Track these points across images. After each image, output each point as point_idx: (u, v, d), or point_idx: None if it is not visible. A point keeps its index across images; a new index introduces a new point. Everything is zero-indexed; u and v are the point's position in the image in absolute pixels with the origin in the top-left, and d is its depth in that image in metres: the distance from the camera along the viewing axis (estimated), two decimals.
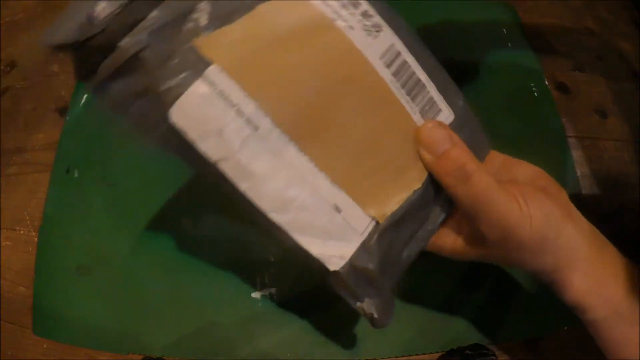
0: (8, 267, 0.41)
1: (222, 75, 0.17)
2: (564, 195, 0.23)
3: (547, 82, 0.46)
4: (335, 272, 0.20)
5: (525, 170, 0.24)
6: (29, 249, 0.41)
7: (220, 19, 0.16)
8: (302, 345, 0.35)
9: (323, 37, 0.17)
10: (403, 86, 0.20)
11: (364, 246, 0.20)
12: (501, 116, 0.44)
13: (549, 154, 0.43)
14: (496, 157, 0.25)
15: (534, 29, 0.50)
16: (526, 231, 0.20)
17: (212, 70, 0.17)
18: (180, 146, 0.18)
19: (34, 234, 0.42)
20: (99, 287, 0.38)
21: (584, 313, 0.23)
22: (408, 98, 0.20)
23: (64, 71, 0.50)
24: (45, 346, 0.37)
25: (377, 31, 0.19)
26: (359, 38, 0.18)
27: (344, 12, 0.18)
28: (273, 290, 0.37)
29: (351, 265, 0.20)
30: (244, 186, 0.19)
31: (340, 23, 0.18)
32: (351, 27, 0.18)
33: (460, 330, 0.35)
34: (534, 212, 0.20)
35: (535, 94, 0.46)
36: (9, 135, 0.48)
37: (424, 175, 0.21)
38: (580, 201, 0.39)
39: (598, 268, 0.23)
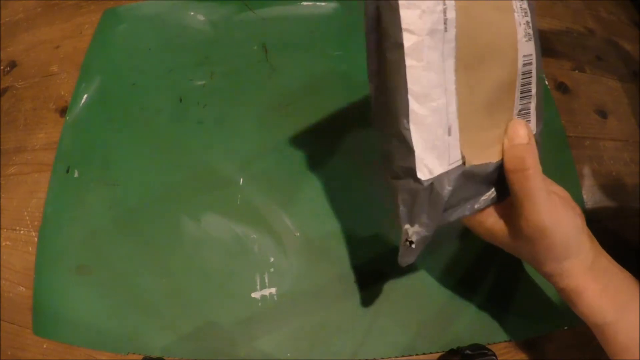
0: (8, 267, 0.41)
1: None
2: (583, 216, 0.27)
3: (547, 82, 0.46)
4: (415, 182, 0.22)
5: (558, 189, 0.27)
6: (29, 249, 0.41)
7: None
8: (302, 345, 0.35)
9: (505, 19, 0.22)
10: (521, 86, 0.24)
11: (447, 175, 0.22)
12: None
13: (549, 154, 0.43)
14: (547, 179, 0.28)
15: None
16: (557, 235, 0.24)
17: None
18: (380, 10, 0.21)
19: (34, 234, 0.42)
20: (99, 287, 0.38)
21: (593, 317, 0.26)
22: (518, 95, 0.24)
23: (64, 71, 0.50)
24: (45, 346, 0.37)
25: (528, 40, 0.23)
26: (520, 36, 0.23)
27: (521, 15, 0.23)
28: (273, 290, 0.37)
29: (432, 184, 0.22)
30: (410, 62, 0.20)
31: (517, 17, 0.23)
32: (519, 24, 0.23)
33: (460, 330, 0.35)
34: (567, 221, 0.24)
35: None
36: (9, 135, 0.48)
37: (500, 158, 0.24)
38: (580, 201, 0.39)
39: (607, 278, 0.25)
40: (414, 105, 0.21)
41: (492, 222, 0.27)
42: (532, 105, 0.25)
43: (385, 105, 0.21)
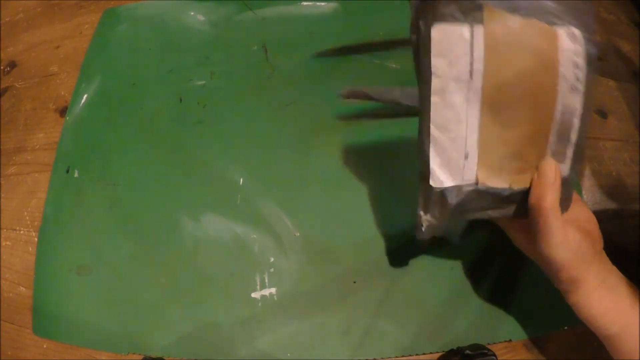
0: (8, 267, 0.41)
1: (481, 36, 0.23)
2: (600, 242, 0.29)
3: None
4: (430, 185, 0.26)
5: (583, 210, 0.30)
6: (29, 249, 0.41)
7: (507, 7, 0.24)
8: (302, 345, 0.35)
9: (544, 72, 0.24)
10: (557, 132, 0.26)
11: (458, 188, 0.26)
12: None
13: None
14: (576, 196, 0.30)
15: None
16: (565, 264, 0.27)
17: (479, 28, 0.24)
18: (420, 48, 0.24)
19: (34, 234, 0.42)
20: (99, 287, 0.38)
21: (599, 330, 0.28)
22: (554, 139, 0.26)
23: (64, 71, 0.50)
24: (45, 346, 0.37)
25: (573, 92, 0.25)
26: (563, 89, 0.25)
27: (569, 69, 0.24)
28: (273, 290, 0.37)
29: (442, 191, 0.26)
30: (435, 99, 0.25)
31: (562, 70, 0.24)
32: (564, 77, 0.25)
33: (460, 330, 0.35)
34: (576, 255, 0.27)
35: None
36: (9, 135, 0.48)
37: (522, 186, 0.27)
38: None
39: (614, 294, 0.28)
40: (434, 132, 0.25)
41: (516, 230, 0.31)
42: (570, 151, 0.27)
43: (420, 112, 0.26)
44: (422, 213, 0.27)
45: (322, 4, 0.50)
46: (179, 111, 0.45)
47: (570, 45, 0.24)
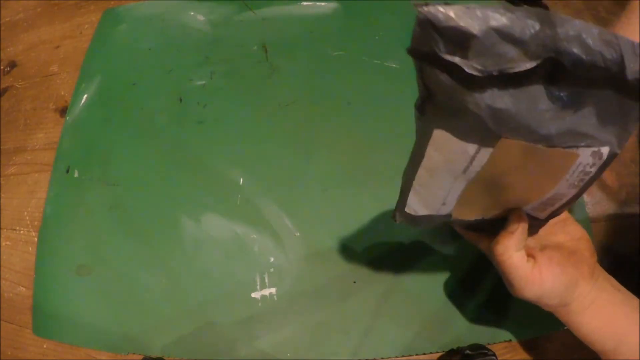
0: (8, 267, 0.41)
1: (486, 156, 0.21)
2: (593, 258, 0.28)
3: None
4: (403, 206, 0.27)
5: (575, 229, 0.29)
6: (29, 249, 0.41)
7: (530, 139, 0.20)
8: (302, 345, 0.35)
9: (549, 180, 0.23)
10: (539, 204, 0.25)
11: (430, 216, 0.27)
12: None
13: None
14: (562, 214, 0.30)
15: None
16: (543, 297, 0.27)
17: (487, 150, 0.21)
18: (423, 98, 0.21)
19: (34, 234, 0.42)
20: (99, 287, 0.38)
21: (593, 345, 0.28)
22: (535, 206, 0.26)
23: (64, 71, 0.50)
24: (45, 346, 0.37)
25: (570, 187, 0.23)
26: (560, 184, 0.23)
27: (574, 175, 0.22)
28: (273, 290, 0.37)
29: (412, 215, 0.28)
30: (421, 172, 0.24)
31: (567, 176, 0.22)
32: (566, 180, 0.23)
33: (460, 330, 0.35)
34: (553, 283, 0.26)
35: None
36: (9, 135, 0.48)
37: (492, 217, 0.27)
38: (580, 202, 0.39)
39: (607, 311, 0.27)
40: (416, 185, 0.25)
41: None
42: (548, 210, 0.26)
43: (411, 158, 0.25)
44: (397, 213, 0.28)
45: (322, 4, 0.50)
46: (179, 111, 0.45)
47: (588, 160, 0.21)
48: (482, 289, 0.36)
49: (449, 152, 0.22)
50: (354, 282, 0.37)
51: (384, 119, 0.42)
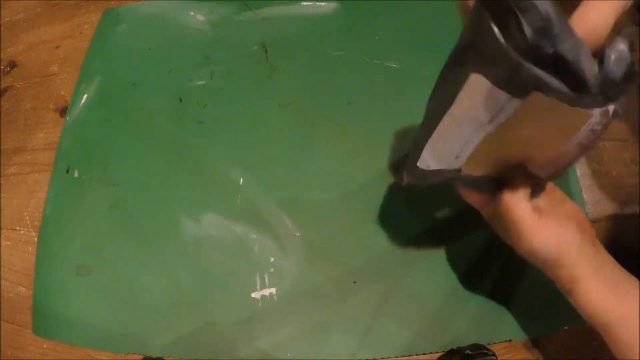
0: (8, 267, 0.41)
1: (515, 106, 0.22)
2: (591, 231, 0.29)
3: None
4: (415, 161, 0.29)
5: (573, 206, 0.30)
6: (29, 249, 0.41)
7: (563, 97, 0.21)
8: (302, 345, 0.35)
9: (562, 136, 0.24)
10: (550, 159, 0.26)
11: (440, 170, 0.28)
12: None
13: None
14: (557, 191, 0.31)
15: None
16: (548, 252, 0.27)
17: (516, 101, 0.22)
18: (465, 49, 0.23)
19: (34, 234, 0.42)
20: (99, 287, 0.38)
21: (598, 317, 0.27)
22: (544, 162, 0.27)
23: (64, 71, 0.50)
24: (45, 346, 0.37)
25: (579, 145, 0.24)
26: (571, 144, 0.24)
27: (584, 132, 0.23)
28: (273, 290, 0.37)
29: (423, 171, 0.29)
30: (447, 119, 0.25)
31: (578, 133, 0.24)
32: (576, 137, 0.24)
33: (460, 331, 0.35)
34: (558, 239, 0.27)
35: None
36: (9, 135, 0.48)
37: (497, 174, 0.28)
38: (580, 201, 0.39)
39: (612, 282, 0.27)
40: (434, 136, 0.26)
41: (505, 230, 0.30)
42: (548, 170, 0.27)
43: (428, 111, 0.27)
44: (398, 178, 0.30)
45: (322, 4, 0.50)
46: (179, 111, 0.45)
47: (597, 118, 0.24)
48: (482, 289, 0.36)
49: (481, 98, 0.23)
50: (354, 282, 0.37)
51: (384, 119, 0.42)
